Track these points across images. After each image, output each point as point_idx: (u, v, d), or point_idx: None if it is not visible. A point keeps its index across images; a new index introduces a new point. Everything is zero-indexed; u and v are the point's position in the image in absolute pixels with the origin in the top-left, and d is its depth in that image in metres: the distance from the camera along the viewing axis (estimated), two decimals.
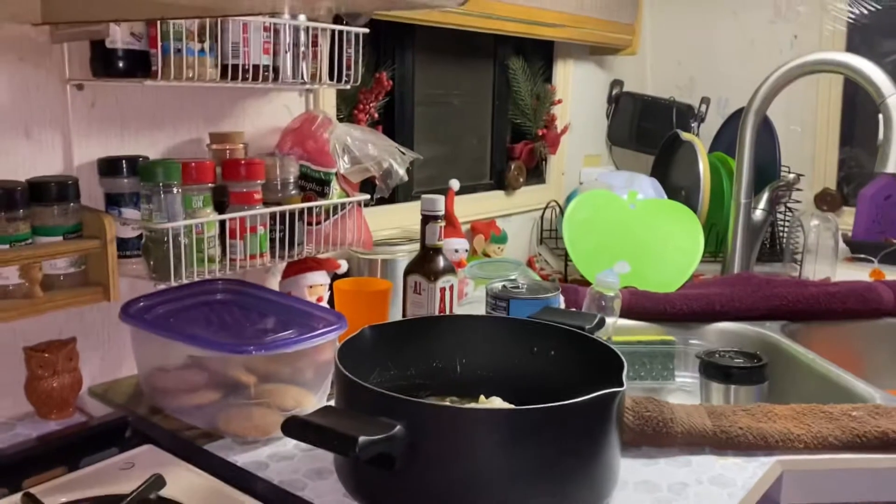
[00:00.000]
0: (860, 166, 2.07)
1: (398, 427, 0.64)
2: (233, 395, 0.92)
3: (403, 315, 1.12)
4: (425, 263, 1.11)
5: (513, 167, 1.84)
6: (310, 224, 1.13)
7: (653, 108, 2.10)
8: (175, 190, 0.96)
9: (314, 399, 0.94)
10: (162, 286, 0.98)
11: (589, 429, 0.70)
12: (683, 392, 1.31)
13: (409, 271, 1.12)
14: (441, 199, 1.10)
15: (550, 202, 1.91)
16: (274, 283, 1.22)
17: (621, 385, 0.73)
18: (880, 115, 1.32)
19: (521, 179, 1.86)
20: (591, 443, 0.71)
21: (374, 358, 0.90)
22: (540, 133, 1.90)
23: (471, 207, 1.71)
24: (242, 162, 1.04)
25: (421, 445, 0.66)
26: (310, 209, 1.11)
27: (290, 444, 0.89)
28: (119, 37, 0.92)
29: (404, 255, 1.33)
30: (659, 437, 0.89)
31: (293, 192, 1.11)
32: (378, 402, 0.69)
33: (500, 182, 1.86)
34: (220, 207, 1.03)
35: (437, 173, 1.70)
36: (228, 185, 1.04)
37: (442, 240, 1.11)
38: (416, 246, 1.13)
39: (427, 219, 1.10)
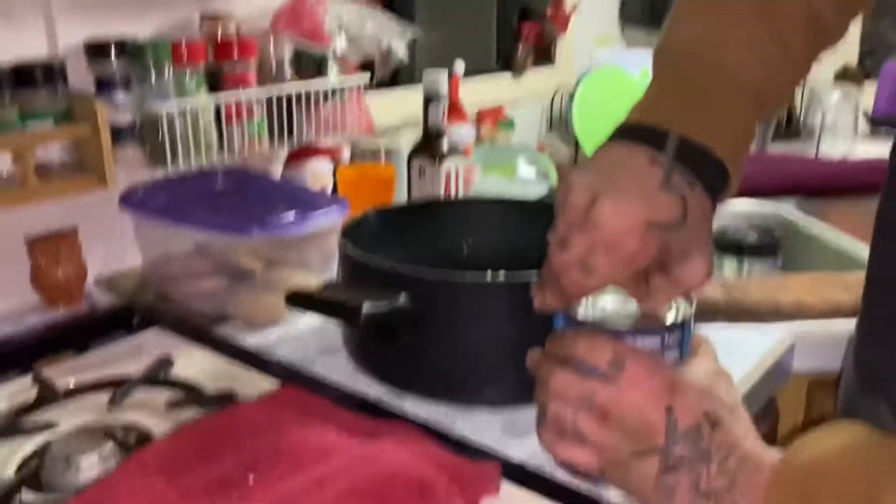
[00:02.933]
0: (884, 42, 1.98)
1: (402, 295, 0.63)
2: (239, 282, 0.92)
3: None
4: (429, 146, 1.08)
5: (520, 49, 1.77)
6: (308, 109, 1.09)
7: None
8: (167, 71, 0.92)
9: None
10: (160, 172, 0.95)
11: None
12: None
13: (412, 155, 1.09)
14: (444, 76, 1.06)
15: (559, 90, 1.85)
16: (276, 172, 1.19)
17: None
18: None
19: (529, 61, 1.79)
20: None
21: (378, 241, 0.88)
22: (548, 13, 1.81)
23: (477, 94, 1.66)
24: (235, 40, 0.99)
25: (424, 315, 0.65)
26: (307, 92, 1.08)
27: (299, 326, 0.89)
28: None
29: (407, 142, 1.29)
30: None
31: (289, 74, 1.07)
32: (379, 276, 0.68)
33: (508, 66, 1.79)
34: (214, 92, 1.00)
35: (441, 57, 1.64)
36: (221, 66, 1.00)
37: (446, 121, 1.08)
38: (420, 132, 1.10)
39: (430, 98, 1.06)
